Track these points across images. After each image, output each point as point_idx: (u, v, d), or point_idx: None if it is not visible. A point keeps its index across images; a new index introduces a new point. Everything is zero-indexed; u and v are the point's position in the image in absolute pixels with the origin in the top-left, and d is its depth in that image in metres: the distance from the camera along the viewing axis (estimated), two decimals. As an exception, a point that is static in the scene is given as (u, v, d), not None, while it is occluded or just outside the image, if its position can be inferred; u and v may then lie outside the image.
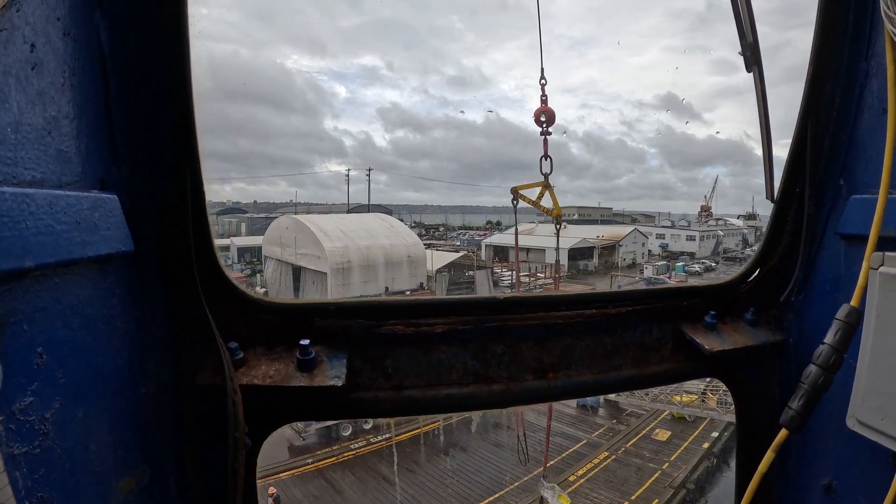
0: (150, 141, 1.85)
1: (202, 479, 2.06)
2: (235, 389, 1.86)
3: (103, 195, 1.61)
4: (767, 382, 2.64)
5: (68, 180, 1.49)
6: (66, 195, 1.40)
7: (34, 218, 1.24)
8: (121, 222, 1.67)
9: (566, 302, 2.44)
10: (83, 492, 1.48)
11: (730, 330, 2.55)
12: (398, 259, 55.63)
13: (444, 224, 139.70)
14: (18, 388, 1.22)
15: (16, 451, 1.20)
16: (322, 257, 52.27)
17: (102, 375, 1.61)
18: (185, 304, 1.96)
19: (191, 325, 1.98)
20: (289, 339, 2.13)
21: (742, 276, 2.69)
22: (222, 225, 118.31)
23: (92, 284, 1.56)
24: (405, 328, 2.24)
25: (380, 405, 2.26)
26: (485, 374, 2.37)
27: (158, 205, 1.87)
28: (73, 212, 1.40)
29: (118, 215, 1.66)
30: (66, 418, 1.40)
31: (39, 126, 1.40)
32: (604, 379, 2.48)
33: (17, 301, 1.22)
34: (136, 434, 1.79)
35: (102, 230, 1.55)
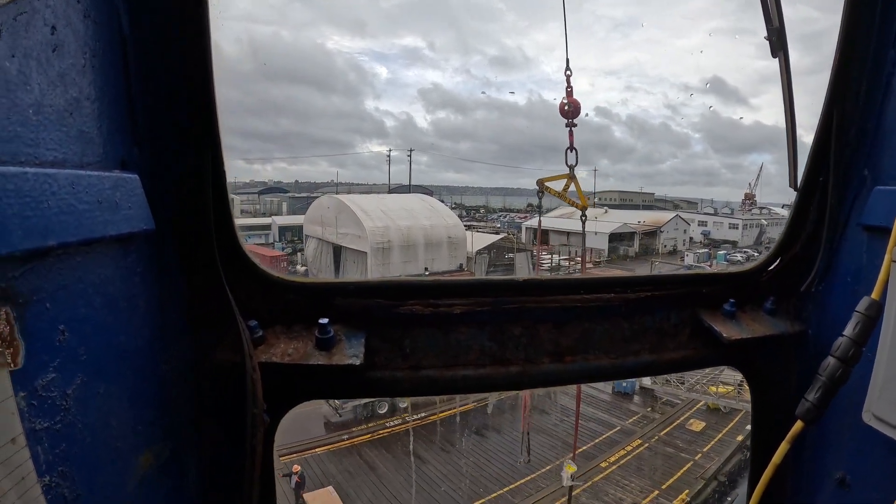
0: (171, 121, 1.84)
1: (220, 455, 2.06)
2: (254, 367, 1.86)
3: (125, 175, 1.62)
4: (785, 373, 2.59)
5: (90, 161, 1.50)
6: (87, 175, 1.41)
7: (56, 198, 1.26)
8: (142, 201, 1.68)
9: (585, 285, 2.43)
10: (103, 466, 1.50)
11: (749, 319, 2.52)
12: (438, 240, 55.73)
13: (484, 206, 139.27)
14: (41, 364, 1.24)
15: (37, 427, 1.22)
16: (363, 237, 52.72)
17: (123, 352, 1.62)
18: (205, 282, 1.96)
19: (211, 303, 1.97)
20: (308, 318, 2.15)
21: (763, 264, 2.66)
22: (264, 204, 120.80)
23: (113, 263, 1.57)
24: (424, 308, 2.24)
25: (397, 384, 2.27)
26: (502, 356, 2.36)
27: (179, 184, 1.86)
28: (94, 191, 1.42)
29: (139, 195, 1.67)
30: (87, 394, 1.41)
31: (61, 107, 1.40)
32: (621, 364, 2.47)
33: (40, 279, 1.24)
34: (156, 410, 1.81)
35: (124, 209, 1.56)
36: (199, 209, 1.88)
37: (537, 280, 2.40)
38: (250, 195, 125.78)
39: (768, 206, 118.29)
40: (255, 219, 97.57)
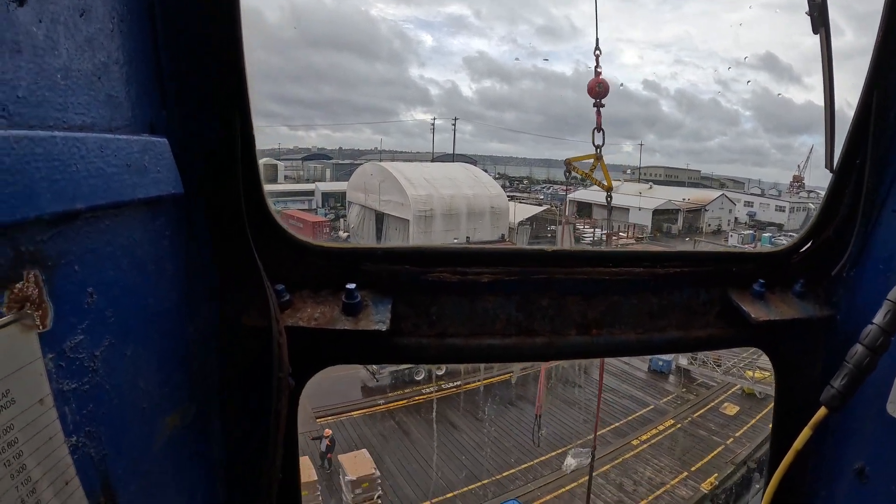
0: (199, 85, 1.81)
1: (245, 418, 2.06)
2: (281, 331, 1.85)
3: (153, 139, 1.61)
4: (811, 358, 2.50)
5: (118, 125, 1.49)
6: (116, 139, 1.41)
7: (85, 161, 1.25)
8: (170, 165, 1.67)
9: (614, 258, 2.37)
10: (130, 427, 1.51)
11: (777, 300, 2.43)
12: (481, 209, 55.67)
13: (528, 177, 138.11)
14: (69, 326, 1.24)
15: (65, 388, 1.22)
16: (405, 204, 53.02)
17: (151, 315, 1.63)
18: (233, 246, 1.93)
19: (238, 267, 1.95)
20: (335, 283, 2.11)
21: (794, 246, 2.56)
22: (307, 170, 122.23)
23: (142, 226, 1.57)
24: (451, 276, 2.20)
25: (423, 351, 2.25)
26: (528, 327, 2.32)
27: (208, 148, 1.84)
28: (123, 155, 1.41)
29: (168, 158, 1.66)
30: (114, 356, 1.42)
31: (89, 72, 1.38)
32: (648, 339, 2.42)
33: (69, 242, 1.24)
34: (183, 373, 1.83)
35: (152, 173, 1.55)
36: (228, 173, 1.86)
37: (566, 251, 2.37)
38: (294, 161, 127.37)
39: (816, 189, 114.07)
40: (299, 185, 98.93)
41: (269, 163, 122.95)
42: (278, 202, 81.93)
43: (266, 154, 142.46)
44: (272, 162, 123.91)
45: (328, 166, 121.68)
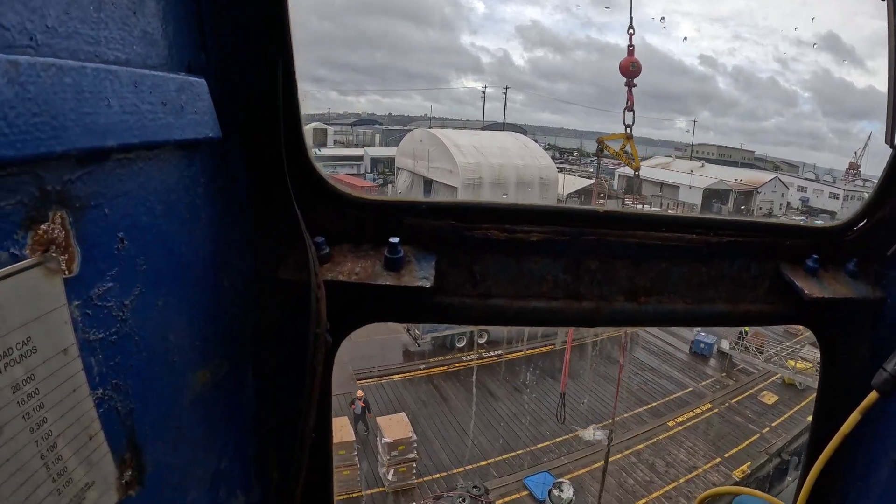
0: (240, 28, 1.74)
1: (279, 375, 2.02)
2: (319, 284, 1.77)
3: (191, 78, 1.52)
4: (859, 340, 2.41)
5: (153, 63, 1.41)
6: (151, 74, 1.33)
7: (117, 96, 1.18)
8: (208, 107, 1.58)
9: (667, 223, 2.27)
10: (158, 381, 1.47)
11: (830, 278, 2.34)
12: (530, 180, 55.01)
13: (578, 149, 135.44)
14: (97, 273, 1.19)
15: (91, 337, 1.18)
16: (454, 172, 52.77)
17: (184, 265, 1.58)
18: (271, 195, 1.87)
19: (277, 217, 1.89)
20: (377, 237, 2.05)
21: (849, 222, 2.44)
22: (357, 135, 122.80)
23: (177, 171, 1.51)
24: (499, 233, 2.11)
25: (465, 311, 2.17)
26: (576, 290, 2.24)
27: (248, 93, 1.77)
28: (158, 92, 1.33)
29: (206, 99, 1.57)
30: (144, 306, 1.37)
31: (124, 5, 1.31)
32: (696, 310, 2.35)
33: (99, 184, 1.19)
34: (216, 326, 1.77)
35: (189, 114, 1.47)
36: (269, 120, 1.78)
37: (618, 213, 2.27)
38: (343, 126, 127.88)
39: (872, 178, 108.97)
40: (348, 149, 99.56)
41: (318, 127, 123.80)
42: (327, 166, 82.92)
43: (316, 119, 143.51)
44: (322, 126, 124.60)
45: (377, 132, 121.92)
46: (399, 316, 2.25)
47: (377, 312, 2.14)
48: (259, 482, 2.14)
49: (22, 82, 0.97)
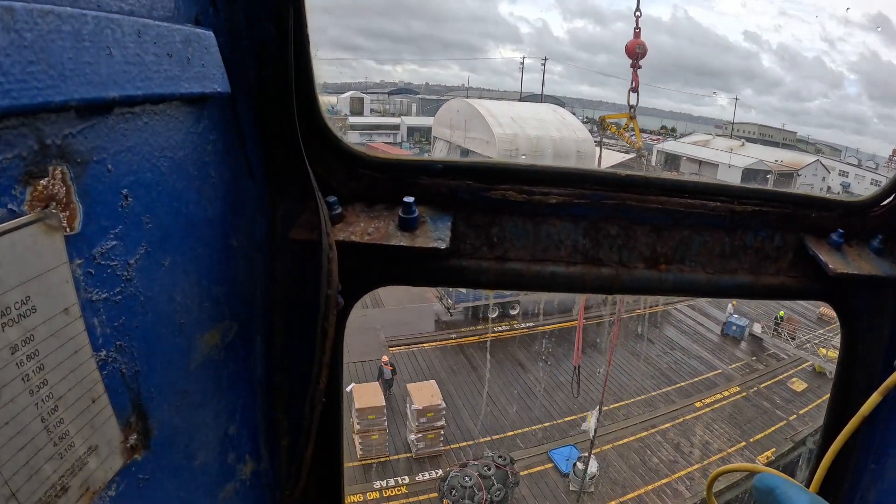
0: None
1: (289, 338, 2.00)
2: (331, 245, 1.72)
3: (198, 30, 1.47)
4: (882, 320, 2.33)
5: (159, 15, 1.35)
6: (156, 24, 1.28)
7: (119, 45, 1.14)
8: (216, 60, 1.53)
9: (690, 190, 2.19)
10: (164, 342, 1.44)
11: (854, 254, 2.24)
12: (567, 152, 54.36)
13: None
14: (100, 230, 1.16)
15: (94, 297, 1.15)
16: (491, 142, 52.41)
17: (192, 224, 1.53)
18: (282, 154, 1.83)
19: (288, 176, 1.85)
20: (391, 197, 1.98)
21: (876, 197, 2.33)
22: (393, 104, 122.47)
23: (184, 127, 1.46)
24: (517, 195, 2.04)
25: (481, 275, 2.10)
26: (595, 256, 2.18)
27: (258, 48, 1.69)
28: (163, 43, 1.29)
29: (214, 52, 1.51)
30: (150, 265, 1.34)
31: None
32: (717, 280, 2.26)
33: (102, 139, 1.15)
34: (224, 287, 1.74)
35: (196, 66, 1.42)
36: (279, 75, 1.73)
37: (640, 177, 2.18)
38: (380, 95, 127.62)
39: None
40: (385, 118, 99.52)
41: (355, 96, 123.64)
42: (364, 134, 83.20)
43: (353, 87, 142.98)
44: (359, 95, 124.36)
45: (414, 101, 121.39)
46: (413, 278, 2.17)
47: (390, 274, 2.08)
48: (268, 448, 2.12)
49: (18, 29, 0.94)
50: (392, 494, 21.95)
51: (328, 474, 2.25)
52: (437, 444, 23.74)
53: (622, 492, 22.69)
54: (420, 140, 79.26)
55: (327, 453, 2.20)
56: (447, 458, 23.67)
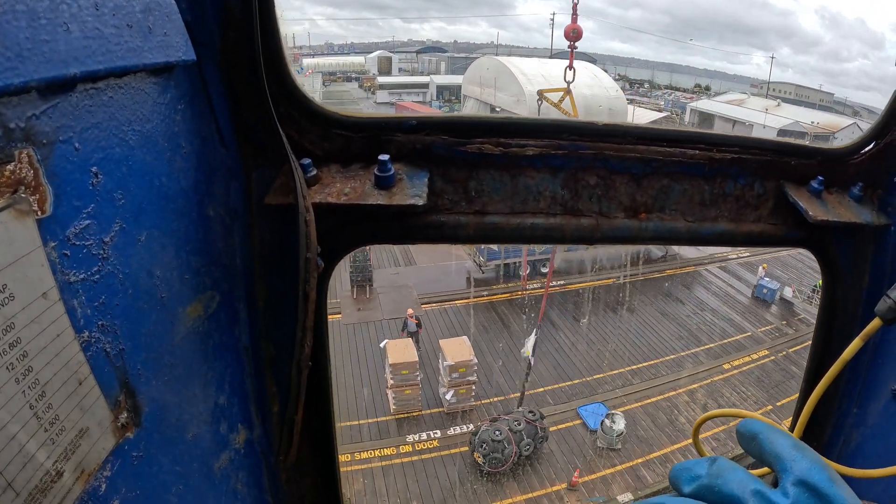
0: None
1: (272, 304, 2.02)
2: (308, 208, 1.71)
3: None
4: (861, 267, 2.36)
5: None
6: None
7: (76, 20, 1.10)
8: (179, 27, 1.49)
9: (669, 138, 2.18)
10: (147, 317, 1.43)
11: (834, 201, 2.24)
12: (598, 110, 53.22)
13: (649, 81, 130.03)
14: (72, 210, 1.14)
15: (72, 279, 1.14)
16: (521, 100, 51.65)
17: (166, 196, 1.51)
18: (253, 118, 1.82)
19: (260, 141, 1.85)
20: (366, 157, 1.96)
21: (857, 145, 2.32)
22: (422, 63, 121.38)
23: (151, 98, 1.43)
24: (493, 148, 2.03)
25: (460, 229, 2.10)
26: (574, 206, 2.17)
27: (221, 11, 1.65)
28: (122, 14, 1.25)
29: (176, 20, 1.48)
30: (126, 242, 1.32)
31: None
32: (697, 228, 2.27)
33: (66, 118, 1.12)
34: (204, 258, 1.73)
35: (158, 35, 1.39)
36: (245, 39, 1.68)
37: (619, 126, 2.16)
38: (408, 54, 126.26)
39: None
40: (413, 77, 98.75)
41: (383, 55, 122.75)
42: (393, 94, 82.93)
43: (380, 46, 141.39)
44: (386, 55, 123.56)
45: (443, 59, 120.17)
46: (393, 236, 2.14)
47: (369, 234, 2.06)
48: (260, 416, 2.14)
49: None
50: (424, 448, 22.37)
51: (320, 437, 2.29)
52: (469, 399, 24.03)
53: (649, 450, 22.92)
54: (450, 98, 78.57)
55: (318, 416, 2.23)
56: (478, 412, 23.99)
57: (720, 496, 0.86)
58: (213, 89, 1.71)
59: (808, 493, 0.80)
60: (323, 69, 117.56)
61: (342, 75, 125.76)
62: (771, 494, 0.81)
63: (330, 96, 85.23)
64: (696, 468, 0.91)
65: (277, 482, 2.27)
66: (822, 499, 0.79)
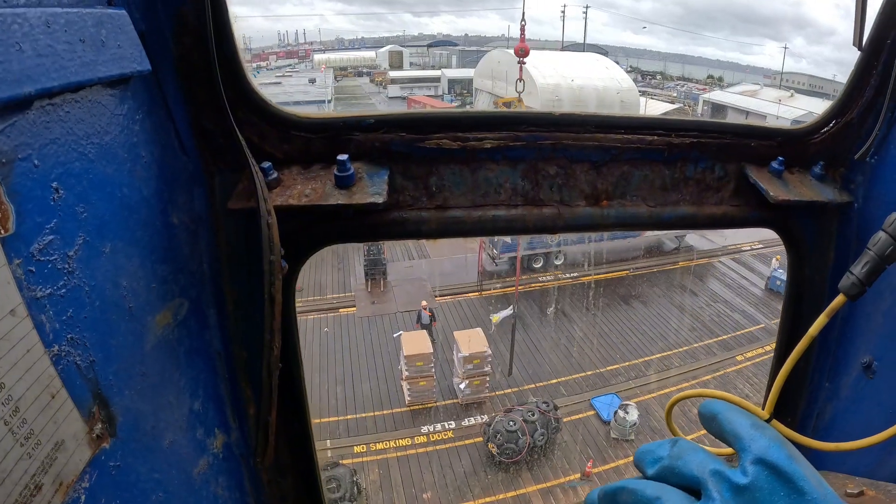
0: None
1: (242, 307, 2.03)
2: (270, 210, 1.71)
3: (109, 10, 1.42)
4: (826, 244, 2.39)
5: (67, 1, 1.31)
6: (64, 12, 1.23)
7: (28, 39, 1.10)
8: (133, 39, 1.48)
9: (627, 125, 2.20)
10: (116, 328, 1.43)
11: (796, 181, 2.27)
12: (610, 102, 53.26)
13: (661, 72, 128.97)
14: (35, 227, 1.14)
15: (38, 294, 1.14)
16: (533, 93, 51.58)
17: (128, 207, 1.51)
18: (212, 124, 1.83)
19: (220, 146, 1.87)
20: (326, 157, 1.99)
21: (816, 125, 2.35)
22: (433, 57, 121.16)
23: (108, 111, 1.43)
24: (451, 143, 2.05)
25: (423, 225, 2.11)
26: (535, 197, 2.19)
27: (174, 20, 1.67)
28: (74, 29, 1.25)
29: (129, 31, 1.47)
30: (91, 255, 1.33)
31: None
32: (659, 213, 2.29)
33: (24, 135, 1.12)
34: (170, 266, 1.73)
35: (112, 48, 1.39)
36: (200, 45, 1.70)
37: (576, 115, 2.17)
38: (419, 48, 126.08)
39: None
40: (425, 71, 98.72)
41: (394, 50, 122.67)
42: (404, 88, 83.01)
43: (391, 41, 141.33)
44: (397, 49, 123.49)
45: (454, 53, 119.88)
46: (356, 235, 2.14)
47: (333, 234, 2.09)
48: (236, 419, 2.15)
49: None
50: (439, 438, 22.55)
51: (297, 437, 2.31)
52: (483, 391, 24.17)
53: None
54: (461, 92, 78.45)
55: (294, 415, 2.25)
56: (492, 403, 24.12)
57: (681, 477, 0.88)
58: (170, 98, 1.73)
59: (767, 471, 0.80)
60: (334, 64, 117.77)
61: (353, 70, 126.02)
62: (730, 474, 0.82)
63: (342, 91, 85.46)
64: (658, 450, 0.94)
65: (259, 484, 2.30)
66: (781, 476, 0.79)
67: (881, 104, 2.18)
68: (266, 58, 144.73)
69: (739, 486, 0.79)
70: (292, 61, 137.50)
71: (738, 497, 0.79)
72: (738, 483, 0.79)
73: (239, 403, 2.13)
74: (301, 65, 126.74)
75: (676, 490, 0.87)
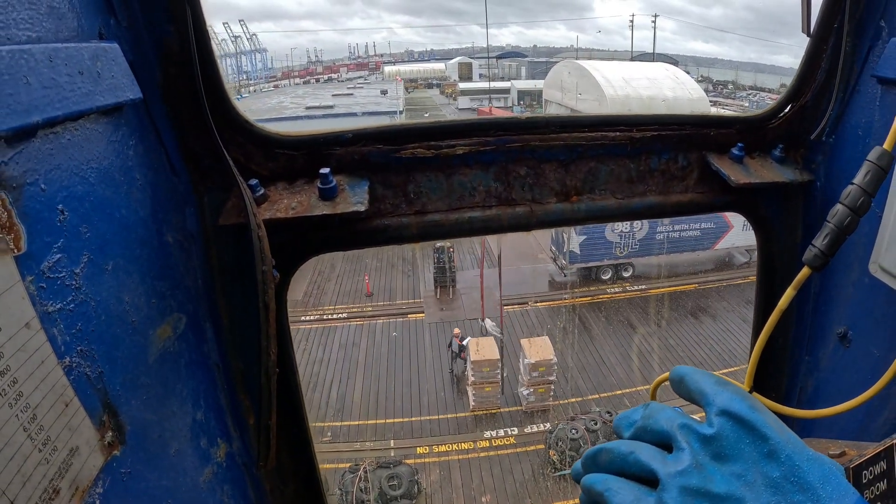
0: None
1: (236, 320, 2.11)
2: (259, 224, 1.80)
3: (103, 44, 1.52)
4: (792, 222, 2.51)
5: (65, 36, 1.41)
6: (64, 47, 1.34)
7: (34, 73, 1.19)
8: (125, 70, 1.59)
9: (589, 124, 2.31)
10: (122, 341, 1.50)
11: (757, 165, 2.38)
12: (680, 112, 52.46)
13: (733, 81, 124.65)
14: (44, 246, 1.21)
15: (50, 309, 1.20)
16: (602, 104, 51.23)
17: (127, 227, 1.58)
18: (200, 146, 1.92)
19: (209, 167, 1.95)
20: (309, 172, 2.09)
21: (773, 111, 2.45)
22: (502, 68, 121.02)
23: (104, 137, 1.51)
24: (426, 151, 2.15)
25: (404, 230, 2.22)
26: (508, 197, 2.30)
27: (161, 50, 1.77)
28: (73, 63, 1.35)
29: (121, 62, 1.57)
30: (95, 272, 1.39)
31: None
32: (627, 204, 2.40)
33: (31, 161, 1.20)
34: (167, 282, 1.80)
35: (107, 79, 1.48)
36: (185, 72, 1.80)
37: (541, 118, 2.27)
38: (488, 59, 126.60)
39: None
40: (494, 83, 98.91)
41: (463, 61, 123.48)
42: (474, 99, 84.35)
43: (460, 52, 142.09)
44: (467, 60, 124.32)
45: (523, 64, 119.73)
46: (342, 243, 2.23)
47: (320, 243, 2.17)
48: (238, 428, 2.20)
49: None
50: (501, 444, 22.70)
51: (297, 442, 2.37)
52: (548, 399, 24.20)
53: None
54: (531, 104, 78.42)
55: (292, 421, 2.31)
56: (556, 412, 24.06)
57: (654, 434, 0.93)
58: (160, 123, 1.80)
59: (731, 421, 0.84)
60: (403, 76, 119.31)
61: (423, 82, 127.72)
62: (697, 426, 0.87)
63: (412, 103, 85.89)
64: (632, 415, 0.99)
65: (262, 492, 2.35)
66: (744, 425, 0.83)
67: (832, 86, 2.28)
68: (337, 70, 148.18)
69: (707, 437, 0.84)
70: (363, 73, 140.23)
71: (706, 447, 0.84)
72: (705, 433, 0.84)
73: (239, 413, 2.20)
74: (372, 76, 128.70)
75: (648, 445, 0.93)
